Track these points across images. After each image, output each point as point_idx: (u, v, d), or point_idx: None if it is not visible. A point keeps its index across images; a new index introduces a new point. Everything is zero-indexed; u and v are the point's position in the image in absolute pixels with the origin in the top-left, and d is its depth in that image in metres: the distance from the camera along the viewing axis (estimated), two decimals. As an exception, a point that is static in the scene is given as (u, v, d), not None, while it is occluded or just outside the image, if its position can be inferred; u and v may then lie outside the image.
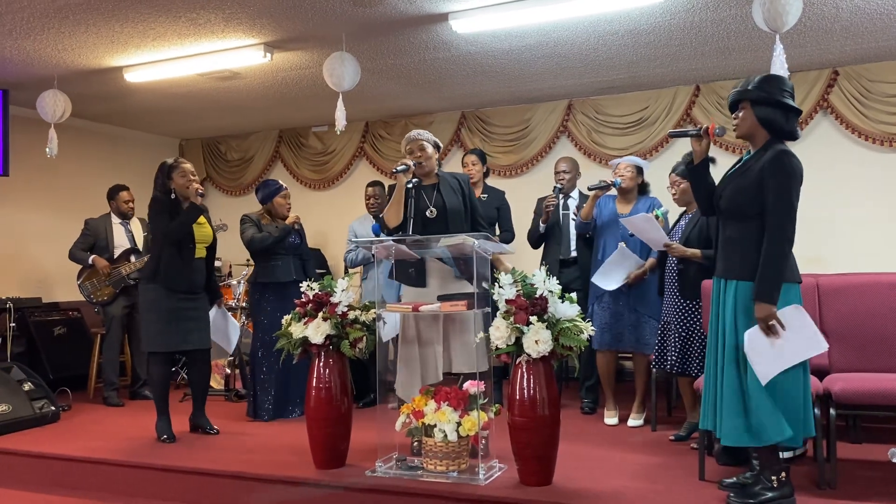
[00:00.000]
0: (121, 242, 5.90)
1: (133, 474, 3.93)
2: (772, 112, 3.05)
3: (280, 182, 5.20)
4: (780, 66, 4.04)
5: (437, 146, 3.99)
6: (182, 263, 4.43)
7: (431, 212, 3.86)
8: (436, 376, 3.74)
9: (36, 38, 4.92)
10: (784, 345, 2.93)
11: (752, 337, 2.97)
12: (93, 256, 5.79)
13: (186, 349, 4.53)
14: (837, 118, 5.86)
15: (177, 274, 4.41)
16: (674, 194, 4.33)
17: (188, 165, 4.51)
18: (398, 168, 3.82)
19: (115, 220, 5.97)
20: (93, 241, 5.87)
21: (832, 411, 3.31)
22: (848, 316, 3.70)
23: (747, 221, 3.04)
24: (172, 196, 4.46)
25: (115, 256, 5.84)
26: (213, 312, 4.76)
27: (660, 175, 4.89)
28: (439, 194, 3.90)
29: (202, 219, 4.57)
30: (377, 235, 5.16)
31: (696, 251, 4.05)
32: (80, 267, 5.89)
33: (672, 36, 5.04)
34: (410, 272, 3.86)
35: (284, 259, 5.09)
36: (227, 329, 4.87)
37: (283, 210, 5.09)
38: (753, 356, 2.96)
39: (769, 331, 2.93)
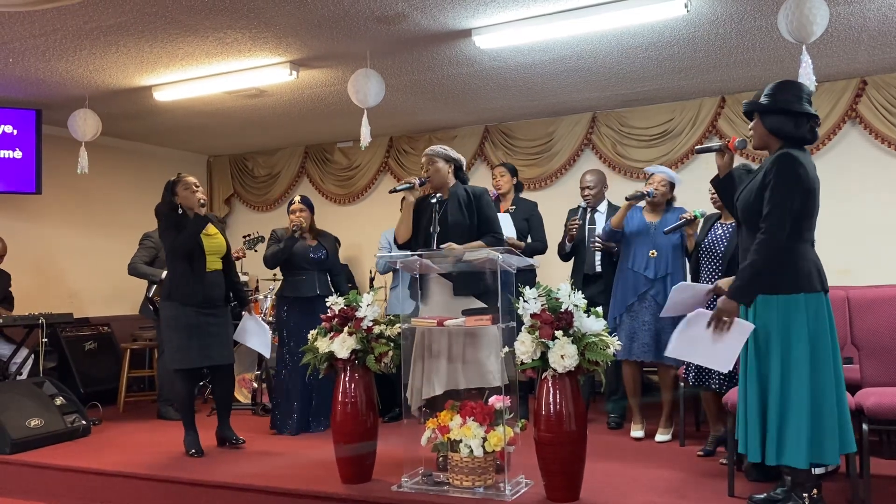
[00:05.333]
0: None
1: (162, 488, 3.97)
2: (779, 120, 3.04)
3: (296, 197, 5.23)
4: (807, 77, 4.01)
5: (449, 160, 4.01)
6: (194, 277, 4.43)
7: (435, 228, 3.89)
8: (434, 390, 3.73)
9: (68, 60, 5.03)
10: (708, 343, 3.07)
11: (699, 317, 3.11)
12: (165, 272, 5.78)
13: (207, 365, 4.55)
14: (866, 128, 5.79)
15: (190, 288, 4.42)
16: (712, 196, 4.26)
17: (191, 178, 4.51)
18: (398, 187, 4.01)
19: None
20: (155, 253, 5.85)
21: (865, 426, 3.25)
22: (880, 329, 3.63)
23: (756, 231, 3.02)
24: (179, 211, 4.47)
25: None
26: (245, 319, 4.79)
27: (685, 186, 4.86)
28: (445, 211, 3.94)
29: (213, 229, 4.57)
30: None
31: None
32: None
33: (696, 48, 5.02)
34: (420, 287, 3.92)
35: (309, 274, 5.11)
36: (262, 334, 4.83)
37: (291, 224, 5.11)
38: (684, 328, 3.15)
39: (719, 325, 3.02)
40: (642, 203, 4.69)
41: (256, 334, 4.79)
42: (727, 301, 3.03)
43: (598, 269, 5.01)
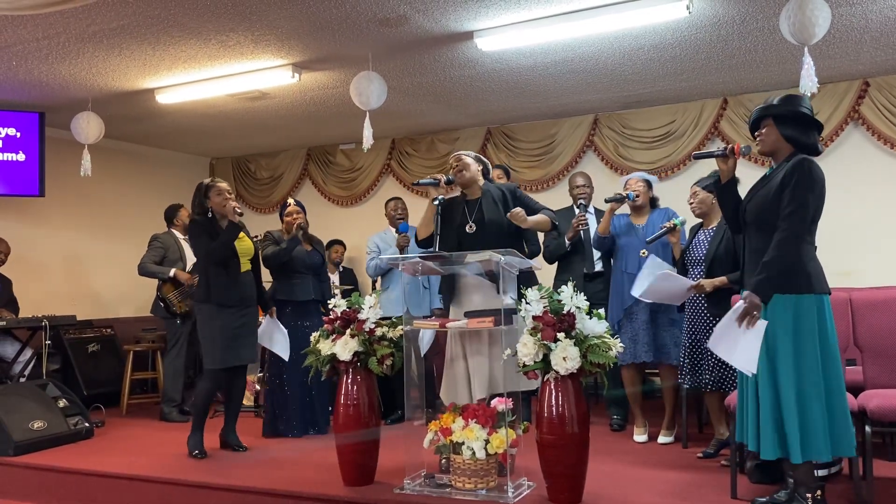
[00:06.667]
0: (190, 257, 5.82)
1: (166, 490, 3.97)
2: (794, 128, 3.11)
3: (290, 200, 5.23)
4: (809, 79, 4.00)
5: (479, 160, 4.05)
6: (230, 279, 4.48)
7: (471, 227, 3.88)
8: (466, 397, 3.74)
9: (71, 63, 5.04)
10: (731, 342, 3.07)
11: (729, 322, 3.07)
12: (174, 270, 5.76)
13: (238, 364, 4.56)
14: (869, 129, 5.79)
15: (228, 290, 4.46)
16: (691, 204, 4.31)
17: (224, 184, 4.56)
18: (422, 181, 4.00)
19: (179, 236, 5.98)
20: (163, 254, 5.85)
21: (868, 428, 3.25)
22: (883, 331, 3.62)
23: (772, 232, 3.04)
24: (209, 215, 4.51)
25: (188, 270, 5.83)
26: (264, 322, 4.82)
27: (686, 189, 4.85)
28: (480, 209, 3.93)
29: (241, 233, 4.62)
30: (405, 233, 5.29)
31: (723, 279, 4.02)
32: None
33: (698, 50, 5.02)
34: (451, 287, 3.91)
35: (304, 278, 5.11)
36: (280, 337, 4.86)
37: (288, 227, 5.10)
38: (721, 333, 3.11)
39: (752, 320, 2.98)
40: (627, 209, 4.71)
41: (279, 339, 4.83)
42: (753, 295, 3.01)
43: (599, 267, 5.02)
